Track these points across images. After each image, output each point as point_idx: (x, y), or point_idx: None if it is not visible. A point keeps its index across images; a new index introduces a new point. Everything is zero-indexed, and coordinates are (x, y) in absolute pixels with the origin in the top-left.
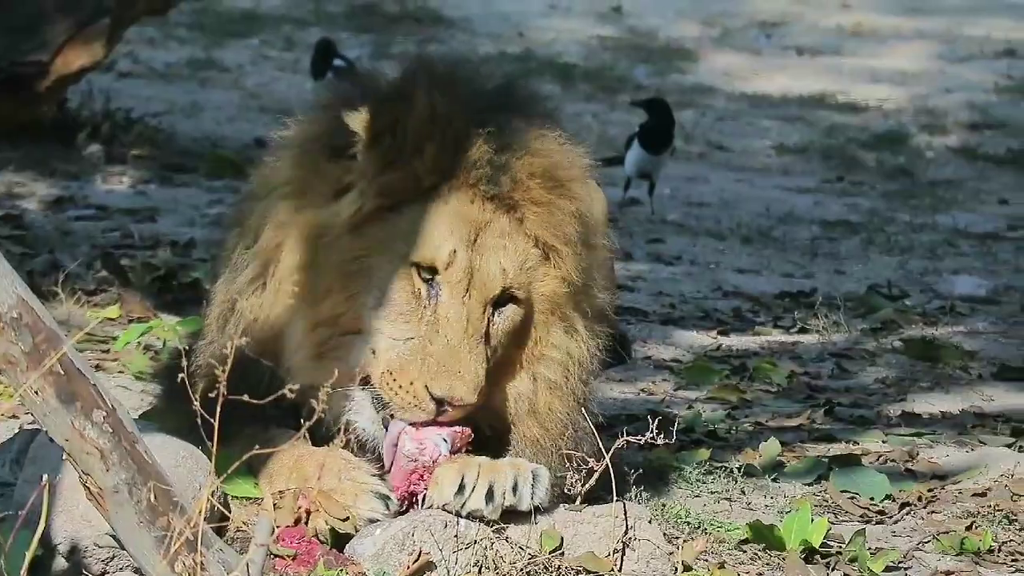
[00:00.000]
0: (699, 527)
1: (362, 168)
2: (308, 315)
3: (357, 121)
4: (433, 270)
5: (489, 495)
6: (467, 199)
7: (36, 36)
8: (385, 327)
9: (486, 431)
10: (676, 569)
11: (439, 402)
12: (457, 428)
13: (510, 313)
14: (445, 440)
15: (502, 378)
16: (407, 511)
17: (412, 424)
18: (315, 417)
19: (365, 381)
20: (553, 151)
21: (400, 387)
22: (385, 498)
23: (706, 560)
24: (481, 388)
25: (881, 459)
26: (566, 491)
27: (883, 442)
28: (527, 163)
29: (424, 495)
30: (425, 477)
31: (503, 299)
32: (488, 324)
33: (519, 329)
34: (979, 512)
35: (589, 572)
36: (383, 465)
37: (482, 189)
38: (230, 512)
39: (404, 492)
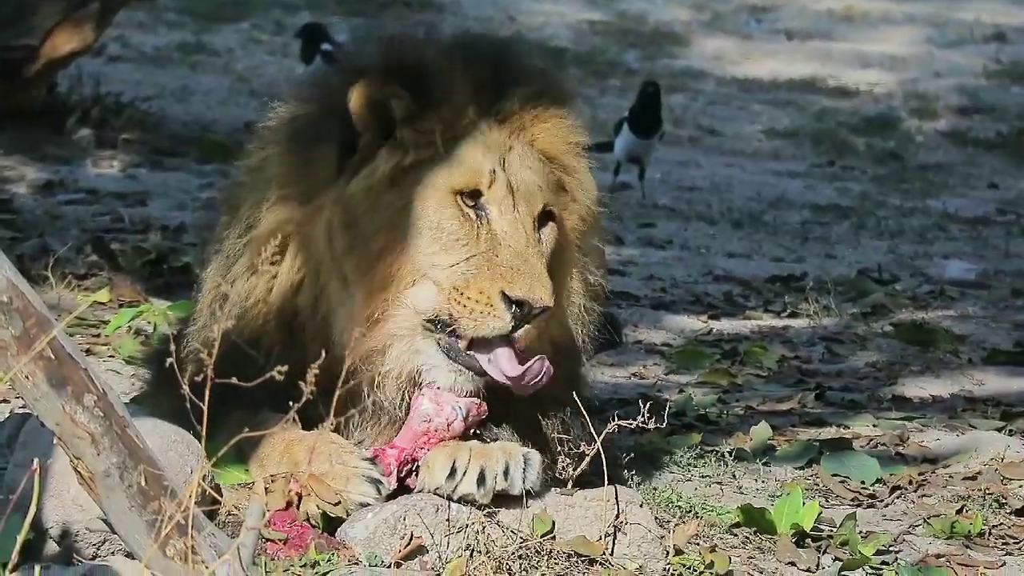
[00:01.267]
0: (690, 511)
1: (403, 123)
2: (362, 286)
3: (379, 87)
4: (476, 193)
5: (480, 479)
6: (490, 129)
7: (25, 20)
8: (443, 258)
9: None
10: (667, 553)
11: (519, 305)
12: (475, 400)
13: (551, 230)
14: (461, 408)
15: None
16: (406, 477)
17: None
18: (303, 400)
19: (432, 323)
20: (548, 75)
21: (470, 299)
22: (376, 482)
23: (697, 544)
24: (553, 293)
25: (872, 443)
26: (557, 475)
27: (874, 426)
28: (529, 88)
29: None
30: (432, 443)
31: (544, 217)
32: (539, 239)
33: (556, 250)
34: (969, 496)
35: (580, 556)
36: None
37: (496, 114)
38: (221, 496)
39: (408, 455)
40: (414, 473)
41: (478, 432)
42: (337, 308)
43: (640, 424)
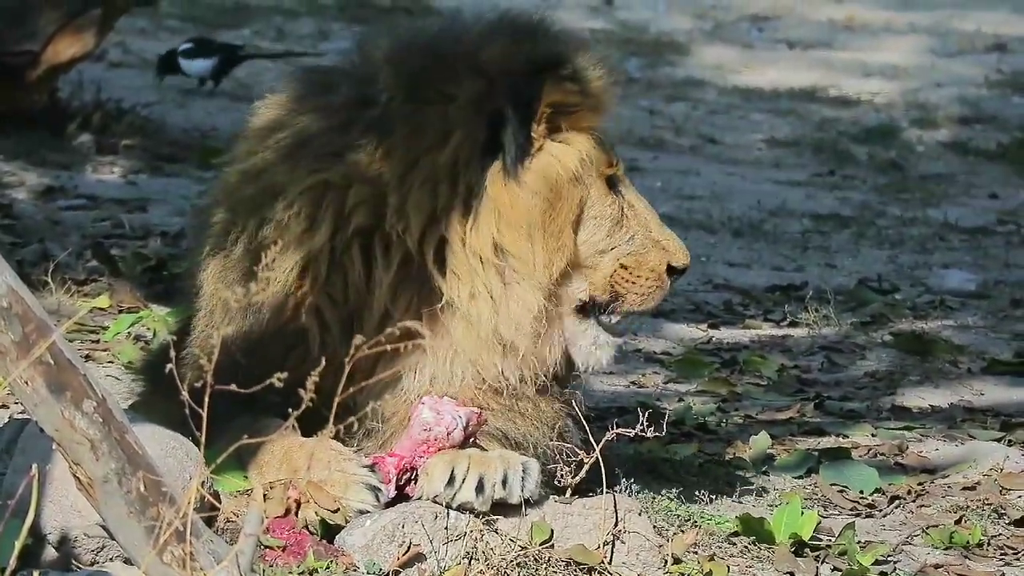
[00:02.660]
0: (689, 520)
1: (564, 124)
2: (541, 285)
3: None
4: (613, 175)
5: (479, 487)
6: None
7: (26, 25)
8: (610, 242)
9: None
10: (666, 561)
11: (681, 272)
12: (473, 409)
13: None
14: (461, 417)
15: None
16: (405, 486)
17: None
18: (302, 407)
19: (584, 307)
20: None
21: (640, 276)
22: (375, 490)
23: (696, 553)
24: None
25: (871, 453)
26: (556, 483)
27: (873, 435)
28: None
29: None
30: (432, 451)
31: None
32: None
33: None
34: (968, 506)
35: (579, 564)
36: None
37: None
38: (220, 503)
39: (407, 464)
40: (413, 481)
41: (476, 441)
42: (512, 309)
43: (639, 432)
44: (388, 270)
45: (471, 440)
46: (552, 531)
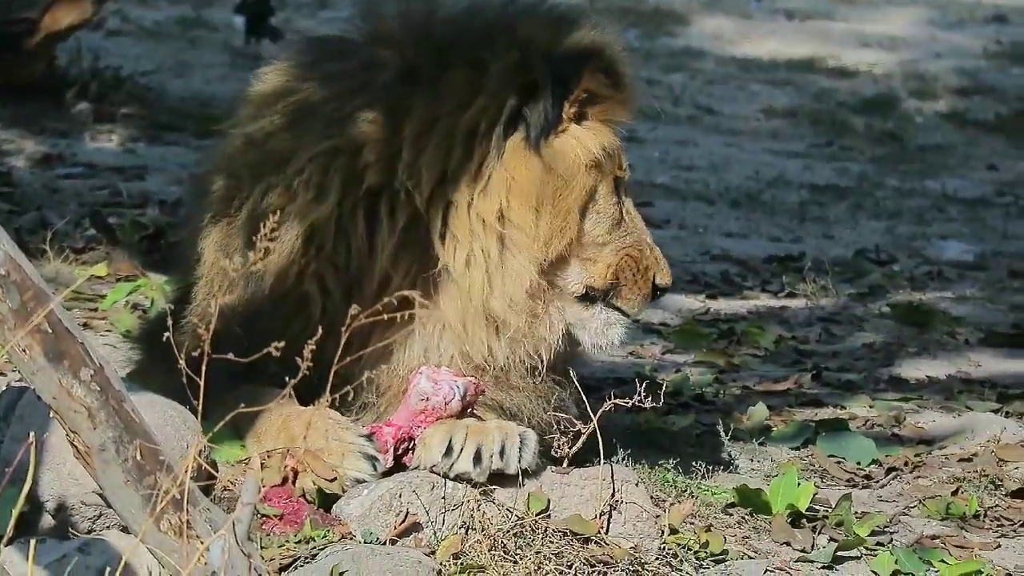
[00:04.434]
0: (686, 491)
1: (591, 113)
2: (537, 259)
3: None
4: (620, 178)
5: (477, 457)
6: None
7: None
8: (606, 238)
9: None
10: (662, 532)
11: (661, 291)
12: (471, 379)
13: None
14: (459, 387)
15: None
16: (403, 455)
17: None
18: (300, 375)
19: (587, 296)
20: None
21: (638, 271)
22: (372, 459)
23: (692, 523)
24: None
25: (868, 424)
26: (553, 453)
27: (870, 407)
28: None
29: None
30: (429, 421)
31: None
32: None
33: None
34: (965, 477)
35: (576, 534)
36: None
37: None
38: (217, 471)
39: (405, 433)
40: (411, 451)
41: (473, 411)
42: (505, 283)
43: (636, 403)
44: (392, 233)
45: (469, 410)
46: (549, 501)
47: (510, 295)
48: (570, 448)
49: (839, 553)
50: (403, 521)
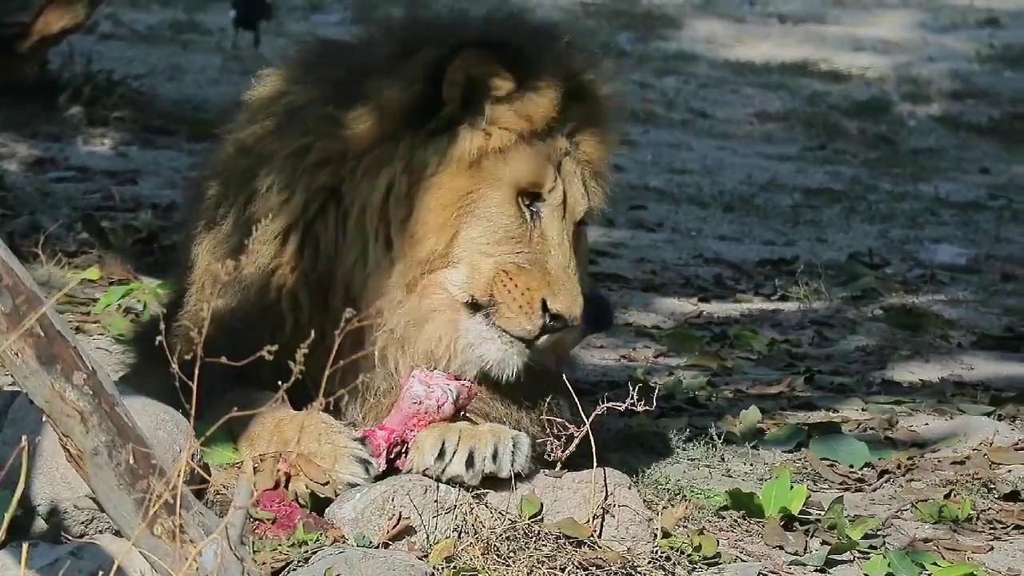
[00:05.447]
0: (679, 494)
1: (496, 111)
2: (406, 256)
3: (490, 64)
4: (537, 196)
5: (469, 461)
6: (557, 133)
7: None
8: (495, 249)
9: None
10: (655, 535)
11: (555, 317)
12: (464, 382)
13: (584, 236)
14: (452, 390)
15: None
16: (396, 459)
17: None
18: (292, 379)
19: (472, 305)
20: (614, 90)
21: (516, 287)
22: (365, 462)
23: (685, 526)
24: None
25: (861, 427)
26: (546, 457)
27: (863, 410)
28: (596, 103)
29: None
30: (422, 424)
31: (580, 223)
32: (574, 247)
33: (581, 256)
34: (958, 480)
35: (568, 538)
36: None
37: (566, 123)
38: (210, 475)
39: (398, 437)
40: (403, 455)
41: (466, 414)
42: (373, 271)
43: (629, 407)
44: (345, 234)
45: (461, 413)
46: (542, 505)
47: (381, 291)
48: (563, 452)
49: (832, 556)
50: (396, 525)
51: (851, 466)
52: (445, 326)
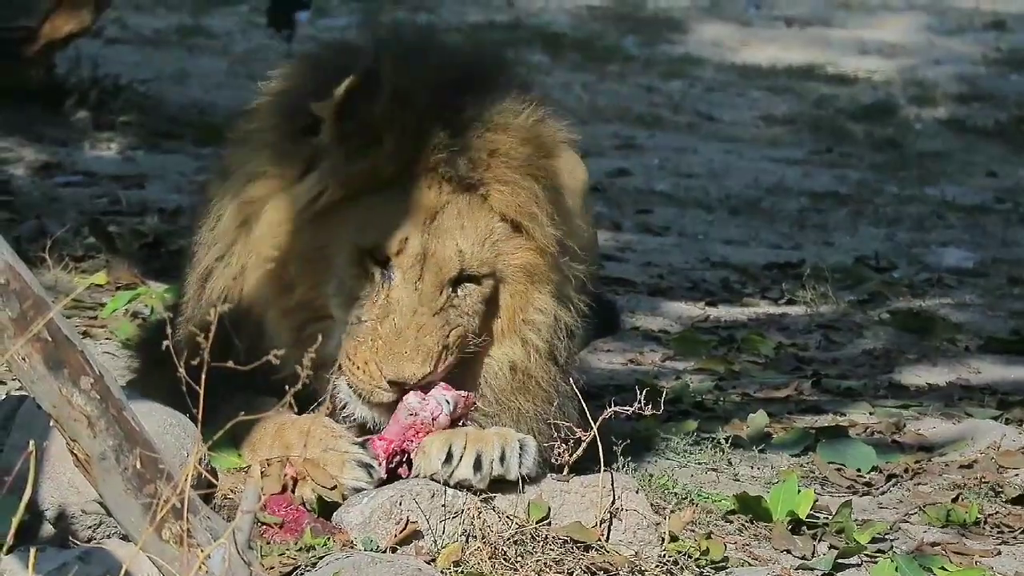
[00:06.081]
0: (686, 498)
1: (326, 157)
2: (280, 302)
3: (324, 110)
4: (385, 258)
5: (477, 465)
6: (426, 184)
7: (23, 2)
8: (343, 314)
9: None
10: (663, 539)
11: (391, 383)
12: (462, 392)
13: (473, 291)
14: (448, 401)
15: (488, 347)
16: (396, 468)
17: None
18: (298, 385)
19: (341, 368)
20: (520, 127)
21: (358, 369)
22: (368, 467)
23: (693, 531)
24: (435, 358)
25: (868, 431)
26: (553, 461)
27: (870, 414)
28: (489, 141)
29: (414, 456)
30: (420, 435)
31: (462, 279)
32: (447, 302)
33: (491, 302)
34: (965, 484)
35: (576, 542)
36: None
37: (440, 172)
38: (217, 480)
39: (396, 447)
40: (403, 464)
41: (465, 423)
42: (266, 315)
43: (636, 411)
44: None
45: (460, 423)
46: (549, 509)
47: (274, 331)
48: (570, 456)
49: (839, 560)
50: (403, 529)
51: (859, 470)
52: (329, 385)
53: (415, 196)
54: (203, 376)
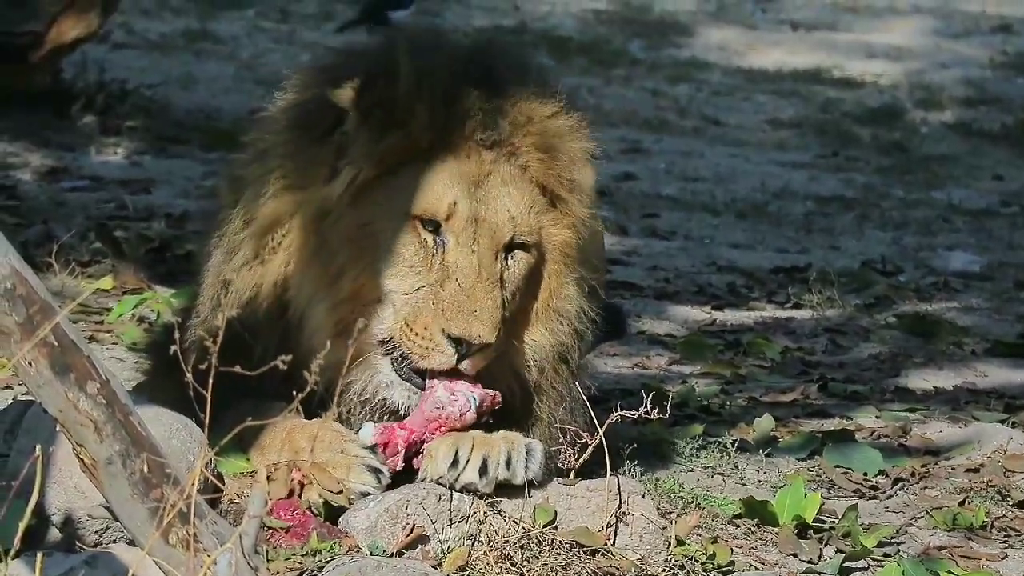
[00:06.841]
0: (692, 502)
1: (355, 140)
2: (327, 297)
3: (344, 96)
4: (436, 223)
5: (483, 469)
6: (464, 153)
7: (30, 6)
8: (398, 284)
9: (508, 392)
10: (669, 543)
11: (457, 342)
12: (488, 391)
13: (523, 259)
14: (475, 398)
15: (520, 329)
16: (414, 457)
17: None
18: (307, 389)
19: (385, 344)
20: (550, 103)
21: (416, 334)
22: (377, 471)
23: (699, 535)
24: (499, 329)
25: (874, 434)
26: (560, 465)
27: (876, 417)
28: (524, 109)
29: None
30: (442, 430)
31: (513, 245)
32: (502, 270)
33: (533, 277)
34: (972, 488)
35: (582, 546)
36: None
37: (479, 139)
38: (223, 484)
39: (418, 438)
40: (421, 455)
41: (489, 420)
42: (308, 312)
43: (643, 414)
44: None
45: (483, 420)
46: (555, 513)
47: (313, 329)
48: (577, 460)
49: (846, 564)
50: (409, 533)
51: (865, 474)
52: (364, 370)
53: (456, 164)
54: (210, 380)
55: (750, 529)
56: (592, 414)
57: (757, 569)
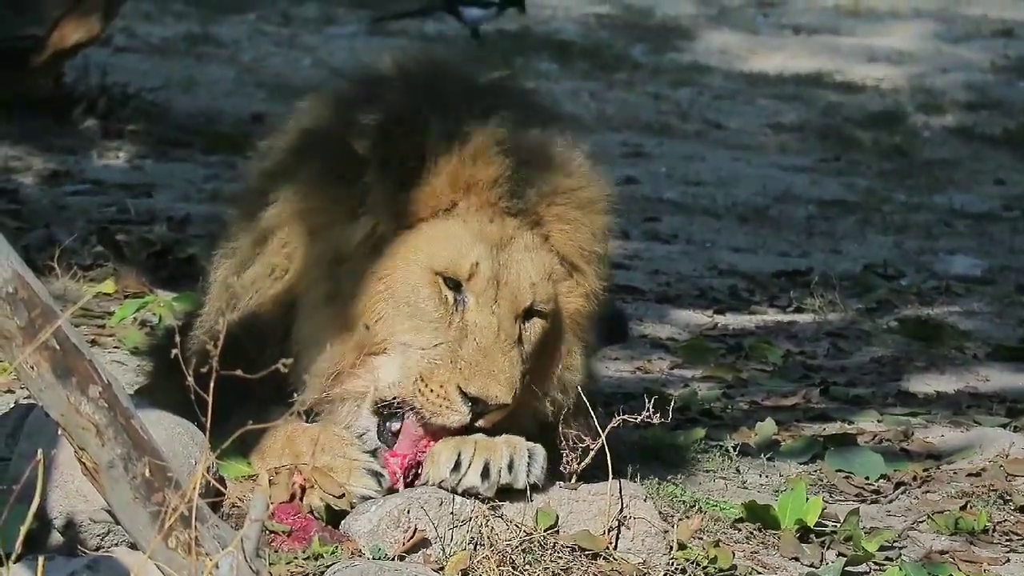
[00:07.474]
0: (694, 506)
1: (374, 190)
2: (332, 341)
3: (362, 146)
4: (457, 281)
5: (485, 472)
6: (487, 216)
7: (32, 10)
8: (415, 338)
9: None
10: (671, 547)
11: (474, 402)
12: None
13: (539, 326)
14: None
15: (525, 396)
16: (413, 480)
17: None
18: (304, 395)
19: (379, 404)
20: (576, 168)
21: (431, 391)
22: (377, 475)
23: (701, 539)
24: (516, 390)
25: (876, 439)
26: (561, 469)
27: (878, 421)
28: (551, 180)
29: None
30: (432, 445)
31: (532, 312)
32: (520, 333)
33: (547, 344)
34: (974, 492)
35: (584, 550)
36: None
37: (504, 206)
38: (225, 488)
39: (411, 461)
40: (419, 475)
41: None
42: (308, 353)
43: (645, 419)
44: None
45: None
46: (557, 517)
47: (313, 374)
48: (579, 464)
49: (848, 568)
50: (411, 537)
51: (867, 478)
52: (352, 417)
53: (479, 226)
54: (211, 385)
55: (752, 533)
56: (594, 418)
57: (759, 573)
